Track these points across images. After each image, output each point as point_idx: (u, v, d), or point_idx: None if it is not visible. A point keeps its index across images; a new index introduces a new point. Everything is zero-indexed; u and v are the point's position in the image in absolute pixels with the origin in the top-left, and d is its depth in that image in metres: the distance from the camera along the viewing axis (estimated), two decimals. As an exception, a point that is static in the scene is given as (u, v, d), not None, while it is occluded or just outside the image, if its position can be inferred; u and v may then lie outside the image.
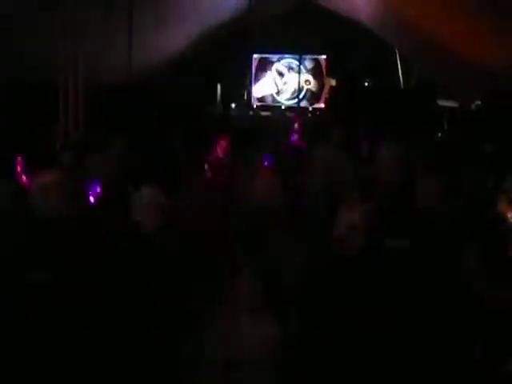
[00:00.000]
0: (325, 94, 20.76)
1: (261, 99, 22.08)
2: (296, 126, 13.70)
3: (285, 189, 7.53)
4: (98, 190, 7.17)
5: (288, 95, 21.80)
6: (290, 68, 21.78)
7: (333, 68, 20.73)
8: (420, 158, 9.95)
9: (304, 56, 21.10)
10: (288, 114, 20.30)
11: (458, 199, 7.28)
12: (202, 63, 19.29)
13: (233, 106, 20.96)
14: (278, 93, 21.99)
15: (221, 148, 9.58)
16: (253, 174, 7.69)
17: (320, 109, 20.92)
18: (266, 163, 9.03)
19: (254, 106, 21.74)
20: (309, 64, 21.51)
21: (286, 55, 21.72)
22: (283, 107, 21.52)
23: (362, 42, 18.93)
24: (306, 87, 21.39)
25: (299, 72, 20.41)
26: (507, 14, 10.09)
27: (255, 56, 21.90)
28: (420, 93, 17.13)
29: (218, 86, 20.40)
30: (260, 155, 9.27)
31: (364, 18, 17.44)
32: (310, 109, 21.18)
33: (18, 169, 7.95)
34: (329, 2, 18.13)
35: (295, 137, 13.33)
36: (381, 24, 16.69)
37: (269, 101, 22.08)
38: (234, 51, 19.81)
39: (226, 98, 20.61)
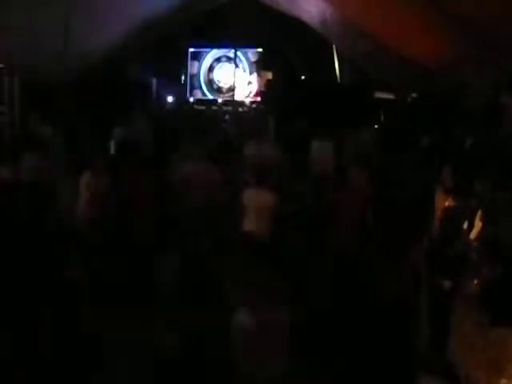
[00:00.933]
0: (261, 88, 20.54)
1: (196, 93, 21.76)
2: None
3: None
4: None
5: (224, 89, 21.53)
6: (227, 62, 21.53)
7: (269, 61, 20.55)
8: (357, 149, 9.89)
9: (240, 49, 20.89)
10: (224, 107, 20.00)
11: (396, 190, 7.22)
12: (138, 58, 18.88)
13: (169, 100, 20.56)
14: (213, 86, 21.73)
15: None
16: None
17: (256, 102, 20.69)
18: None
19: (191, 100, 21.39)
20: (245, 58, 21.31)
21: (222, 49, 21.45)
22: (219, 101, 21.19)
23: (298, 36, 18.85)
24: (242, 81, 21.19)
25: (236, 65, 20.13)
26: (444, 13, 10.11)
27: (191, 50, 21.58)
28: (356, 86, 17.11)
29: (154, 80, 19.97)
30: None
31: (302, 13, 17.34)
32: (246, 102, 20.94)
33: None
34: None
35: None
36: (319, 20, 16.62)
37: (205, 95, 21.78)
38: (169, 45, 19.45)
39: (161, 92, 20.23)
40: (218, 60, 21.63)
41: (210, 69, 21.67)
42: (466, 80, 11.94)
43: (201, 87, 21.75)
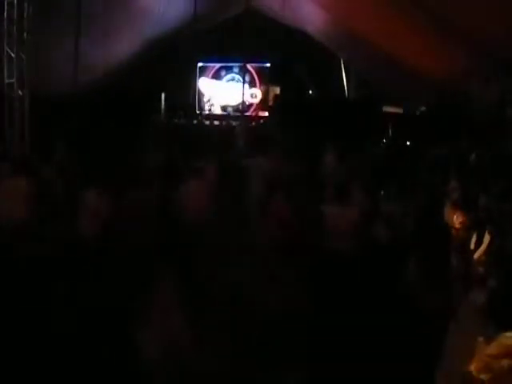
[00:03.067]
0: (269, 103, 20.63)
1: (205, 107, 21.86)
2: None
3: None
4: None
5: (233, 104, 21.60)
6: (235, 77, 21.63)
7: (277, 76, 20.65)
8: (365, 164, 9.93)
9: (249, 64, 20.96)
10: (233, 122, 20.06)
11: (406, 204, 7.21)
12: (147, 73, 18.99)
13: (177, 114, 20.67)
14: (222, 101, 21.82)
15: None
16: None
17: (264, 117, 20.76)
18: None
19: (199, 115, 21.47)
20: (254, 72, 21.40)
21: (231, 63, 21.57)
22: (229, 115, 21.27)
23: (306, 51, 18.93)
24: (250, 95, 21.26)
25: (244, 80, 20.22)
26: (452, 28, 10.18)
27: (200, 64, 21.72)
28: (364, 100, 17.16)
29: (162, 95, 20.09)
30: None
31: (308, 27, 17.45)
32: (255, 117, 20.99)
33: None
34: (273, 11, 18.09)
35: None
36: (327, 34, 16.71)
37: (214, 109, 21.88)
38: (178, 60, 19.56)
39: (170, 107, 20.33)
40: (227, 75, 21.74)
41: (219, 83, 21.78)
42: (473, 93, 11.98)
43: (209, 101, 21.86)
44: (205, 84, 21.81)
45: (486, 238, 5.59)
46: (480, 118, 11.72)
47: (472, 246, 5.78)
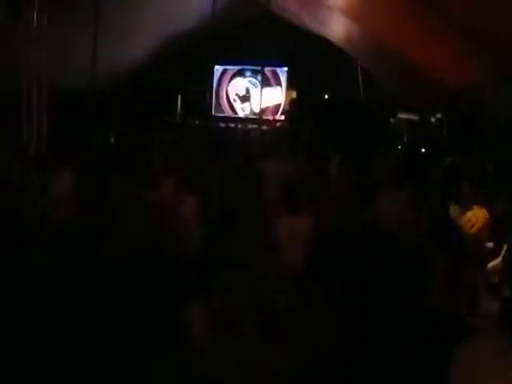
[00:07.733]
0: (285, 106, 20.62)
1: (222, 110, 21.86)
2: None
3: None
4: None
5: (249, 107, 21.60)
6: (252, 80, 21.62)
7: (293, 80, 20.63)
8: (380, 170, 9.89)
9: (266, 68, 20.93)
10: (249, 125, 20.06)
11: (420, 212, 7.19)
12: (164, 74, 19.07)
13: (193, 116, 20.70)
14: (238, 104, 21.80)
15: None
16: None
17: (281, 120, 20.75)
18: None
19: (215, 117, 21.49)
20: (271, 76, 21.38)
21: (248, 67, 21.56)
22: (245, 118, 21.26)
23: (323, 54, 18.91)
24: (267, 99, 21.21)
25: (261, 84, 20.24)
26: (468, 33, 10.10)
27: (217, 67, 21.74)
28: (380, 106, 17.10)
29: (179, 97, 20.15)
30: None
31: (327, 31, 17.41)
32: (272, 120, 20.96)
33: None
34: (290, 14, 18.08)
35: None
36: (344, 38, 16.66)
37: (230, 112, 21.88)
38: (195, 62, 19.61)
39: (186, 109, 20.38)
40: (244, 77, 21.73)
41: (236, 86, 21.77)
42: (490, 100, 11.89)
43: (226, 104, 21.86)
44: (222, 86, 21.81)
45: (504, 247, 5.55)
46: (496, 123, 11.63)
47: (486, 255, 5.75)
